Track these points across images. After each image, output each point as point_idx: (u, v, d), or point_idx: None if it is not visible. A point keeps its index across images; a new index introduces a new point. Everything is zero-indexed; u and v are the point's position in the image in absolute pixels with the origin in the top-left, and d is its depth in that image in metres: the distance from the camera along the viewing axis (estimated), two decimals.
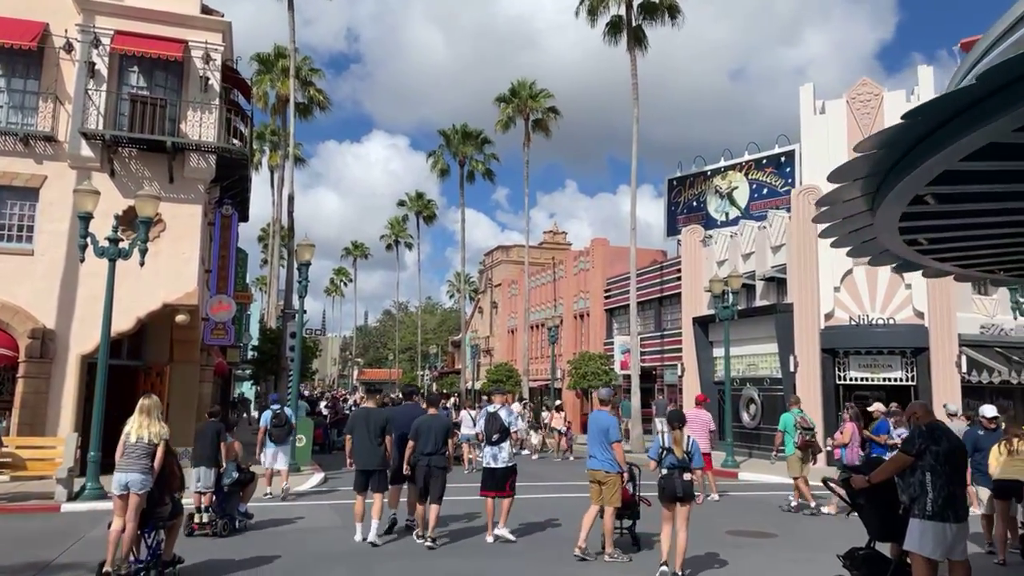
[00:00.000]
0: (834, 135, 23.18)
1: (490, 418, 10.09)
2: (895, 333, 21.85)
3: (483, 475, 10.17)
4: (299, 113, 34.51)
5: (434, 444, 9.70)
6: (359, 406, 14.42)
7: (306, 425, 19.62)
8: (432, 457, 9.68)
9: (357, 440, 10.03)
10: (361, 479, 9.95)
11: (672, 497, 8.16)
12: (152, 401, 8.23)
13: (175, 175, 17.04)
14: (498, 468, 9.93)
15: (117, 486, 7.61)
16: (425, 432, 9.75)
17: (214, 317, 18.45)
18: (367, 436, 9.92)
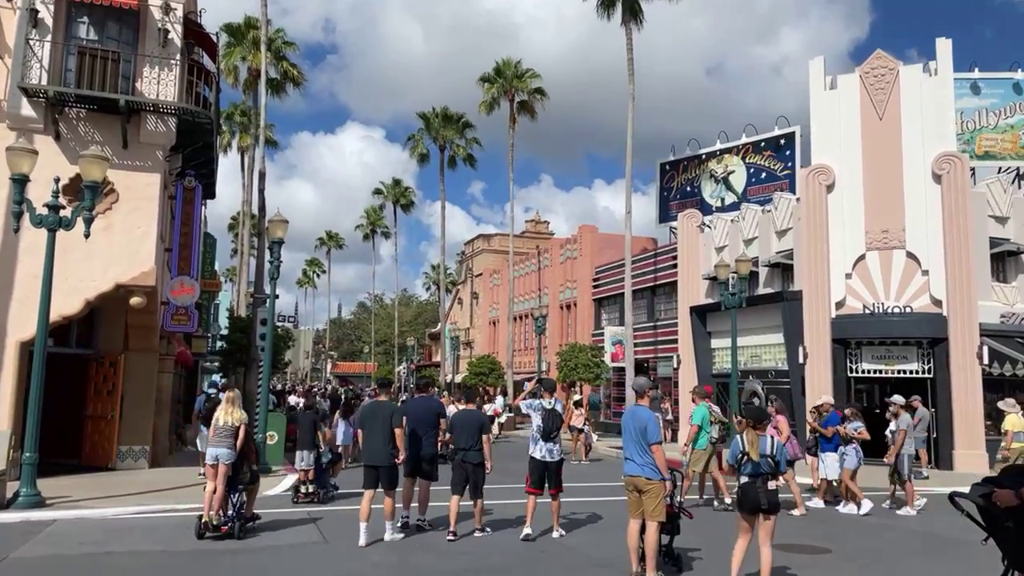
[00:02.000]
0: (846, 112, 21.78)
1: (550, 415, 9.70)
2: (911, 322, 20.50)
3: (533, 471, 9.77)
4: (272, 90, 32.48)
5: (467, 439, 9.71)
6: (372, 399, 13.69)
7: (278, 420, 17.80)
8: (467, 452, 9.69)
9: (367, 434, 9.67)
10: (370, 475, 9.58)
11: (754, 508, 6.84)
12: (235, 393, 10.38)
13: (130, 140, 15.13)
14: (552, 462, 9.73)
15: (210, 458, 9.86)
16: (459, 427, 9.84)
17: (175, 301, 16.56)
18: (377, 430, 9.50)
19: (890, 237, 21.00)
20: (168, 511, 11.72)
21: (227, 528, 9.50)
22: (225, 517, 9.64)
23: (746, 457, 6.90)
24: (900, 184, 20.94)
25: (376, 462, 9.47)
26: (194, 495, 12.93)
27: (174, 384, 20.64)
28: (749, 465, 6.90)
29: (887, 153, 21.13)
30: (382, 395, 10.17)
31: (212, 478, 9.79)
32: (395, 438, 9.40)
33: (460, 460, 9.78)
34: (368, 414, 9.82)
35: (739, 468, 6.92)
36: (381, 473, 9.46)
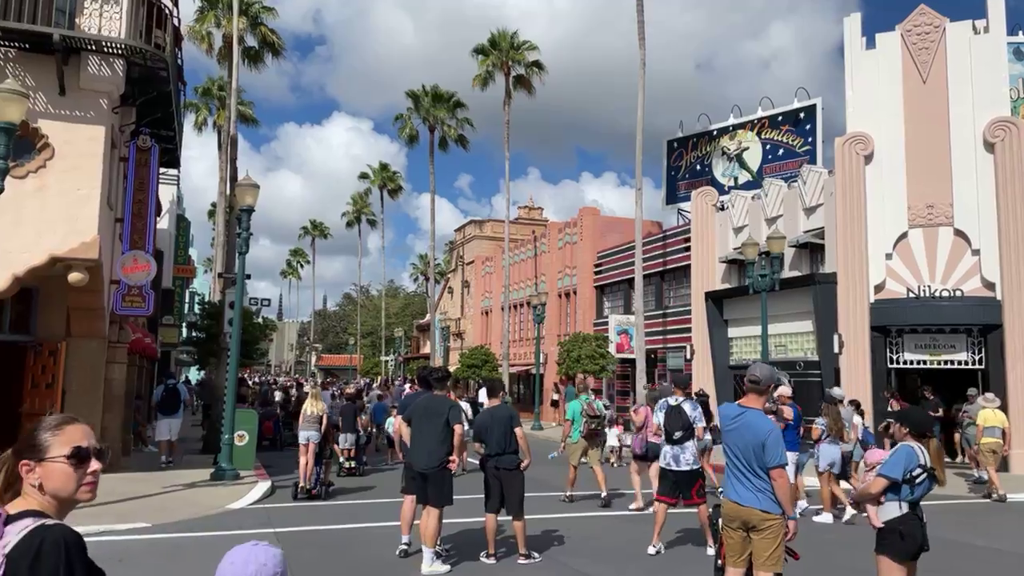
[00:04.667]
0: (886, 74, 19.60)
1: (672, 412, 8.57)
2: (960, 307, 18.40)
3: (660, 479, 8.96)
4: (249, 59, 29.90)
5: (499, 443, 8.11)
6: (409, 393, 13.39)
7: (248, 418, 15.48)
8: (500, 458, 8.10)
9: (415, 434, 8.08)
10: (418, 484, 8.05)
11: (918, 552, 4.90)
12: (317, 390, 13.66)
13: (68, 85, 12.67)
14: (681, 471, 8.60)
15: (302, 438, 12.44)
16: (487, 428, 8.18)
17: (127, 279, 14.16)
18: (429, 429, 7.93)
19: (936, 213, 18.86)
20: (101, 534, 9.37)
21: (315, 492, 12.42)
22: (313, 484, 12.48)
23: (924, 474, 4.73)
24: (947, 154, 18.80)
25: (425, 467, 7.86)
26: (145, 509, 10.61)
27: (132, 377, 18.21)
28: (922, 487, 4.75)
29: (932, 119, 18.97)
30: (438, 390, 8.40)
31: (304, 454, 12.45)
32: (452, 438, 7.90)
33: (493, 468, 8.16)
34: (420, 410, 8.12)
35: (912, 486, 4.76)
36: (430, 482, 7.85)
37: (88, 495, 2.05)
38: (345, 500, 12.44)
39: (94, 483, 2.05)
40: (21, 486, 2.00)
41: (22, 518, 1.89)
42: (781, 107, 27.15)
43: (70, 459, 1.99)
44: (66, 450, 1.99)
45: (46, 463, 1.99)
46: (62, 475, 1.99)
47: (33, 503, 1.98)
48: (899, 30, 19.69)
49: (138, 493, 12.16)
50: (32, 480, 1.98)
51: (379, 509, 11.43)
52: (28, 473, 1.99)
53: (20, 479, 2.00)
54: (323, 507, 11.82)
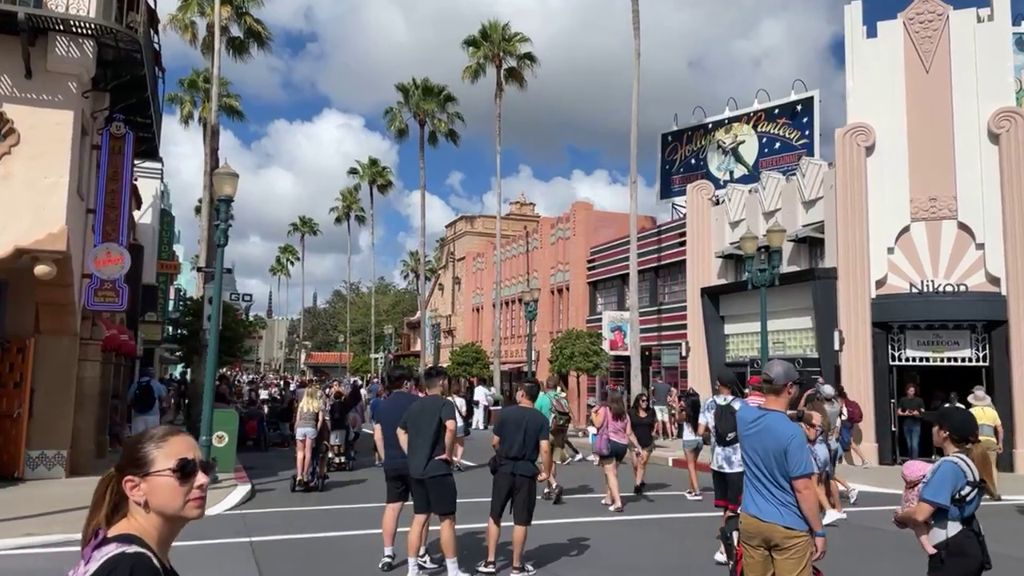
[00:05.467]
0: (888, 63, 19.07)
1: (723, 412, 8.26)
2: (964, 303, 17.90)
3: (715, 482, 8.70)
4: (234, 50, 29.14)
5: (521, 446, 7.54)
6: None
7: (228, 418, 14.83)
8: (518, 463, 7.55)
9: (410, 438, 7.42)
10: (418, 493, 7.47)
11: (981, 568, 4.32)
12: (312, 388, 14.72)
13: (35, 67, 12.02)
14: (735, 472, 8.05)
15: (300, 434, 13.21)
16: (512, 428, 7.62)
17: (99, 273, 13.46)
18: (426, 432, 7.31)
19: (939, 206, 18.37)
20: (61, 544, 8.72)
21: (312, 484, 13.10)
22: (310, 477, 13.14)
23: (973, 491, 4.16)
24: (950, 145, 18.30)
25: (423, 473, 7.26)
26: None
27: (108, 376, 17.53)
28: (973, 504, 4.18)
29: (935, 110, 18.47)
30: (433, 389, 7.77)
31: (301, 449, 13.07)
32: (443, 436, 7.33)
33: (508, 473, 7.60)
34: (416, 413, 7.48)
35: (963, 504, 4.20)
36: (431, 489, 7.26)
37: (196, 512, 1.90)
38: (329, 505, 11.87)
39: (202, 498, 1.91)
40: (129, 505, 1.87)
41: (111, 543, 1.76)
42: (778, 100, 26.61)
43: (175, 472, 1.85)
44: (171, 463, 1.86)
45: (151, 478, 1.85)
46: (168, 490, 1.85)
47: (136, 523, 1.84)
48: (901, 18, 19.17)
49: None
50: (137, 497, 1.85)
51: (362, 516, 10.82)
52: (133, 489, 1.85)
53: (127, 498, 1.86)
54: (304, 512, 11.21)
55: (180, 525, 1.92)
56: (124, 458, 1.90)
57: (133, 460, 1.88)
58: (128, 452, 1.90)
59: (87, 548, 1.79)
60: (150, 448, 1.88)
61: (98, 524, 1.85)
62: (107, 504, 1.88)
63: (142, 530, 1.83)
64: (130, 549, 1.75)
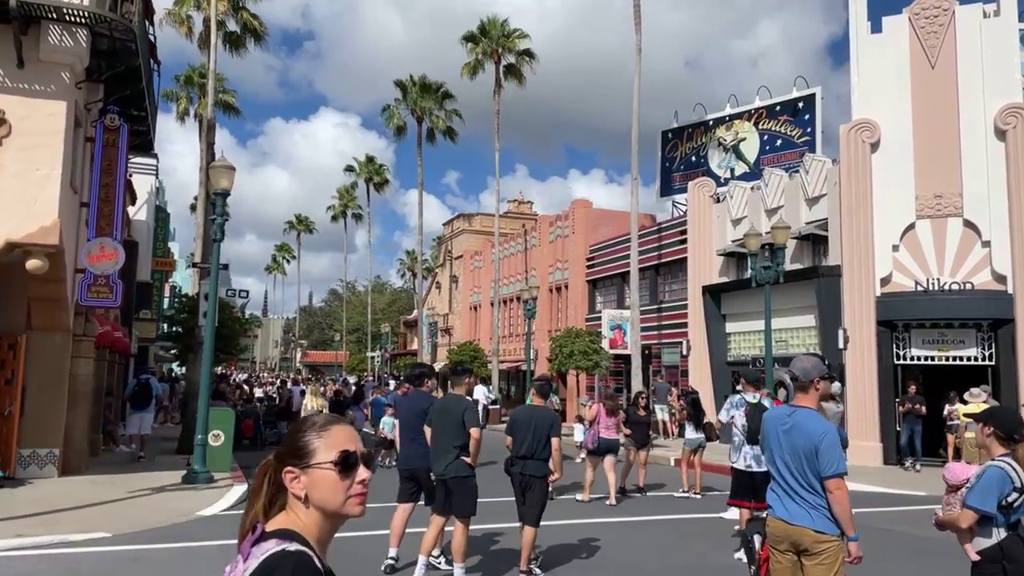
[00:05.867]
0: (893, 59, 18.86)
1: (755, 410, 8.03)
2: (969, 301, 17.69)
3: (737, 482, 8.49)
4: (230, 44, 28.82)
5: (530, 445, 7.31)
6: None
7: (224, 416, 14.55)
8: (527, 463, 7.32)
9: (434, 436, 7.24)
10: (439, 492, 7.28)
11: None
12: (315, 387, 16.45)
13: (27, 57, 11.71)
14: (763, 472, 7.45)
15: None
16: (523, 427, 7.41)
17: (92, 268, 13.17)
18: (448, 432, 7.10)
19: (944, 203, 18.16)
20: (54, 546, 8.45)
21: None
22: None
23: (1021, 496, 3.93)
24: (956, 142, 18.09)
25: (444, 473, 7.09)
26: (107, 517, 9.68)
27: (103, 373, 17.25)
28: (1020, 510, 3.95)
29: (941, 106, 18.26)
30: (459, 387, 7.61)
31: None
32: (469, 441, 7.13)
33: (518, 473, 7.42)
34: (439, 412, 7.30)
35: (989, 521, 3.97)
36: (452, 490, 7.06)
37: (358, 509, 1.77)
38: None
39: (364, 494, 1.77)
40: (287, 497, 1.74)
41: (271, 538, 1.64)
42: (779, 97, 26.43)
43: (337, 466, 1.72)
44: (333, 455, 1.72)
45: (312, 470, 1.72)
46: (329, 484, 1.72)
47: (295, 518, 1.72)
48: (906, 13, 18.95)
49: (102, 498, 11.25)
50: (297, 490, 1.72)
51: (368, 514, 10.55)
52: (292, 482, 1.73)
53: (285, 489, 1.74)
54: None
55: (340, 523, 1.78)
56: (284, 447, 1.77)
57: (293, 450, 1.75)
58: (288, 441, 1.77)
59: (245, 543, 1.66)
60: (311, 438, 1.75)
61: (256, 516, 1.73)
62: (264, 494, 1.76)
63: (302, 526, 1.70)
64: (291, 547, 1.62)
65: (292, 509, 1.73)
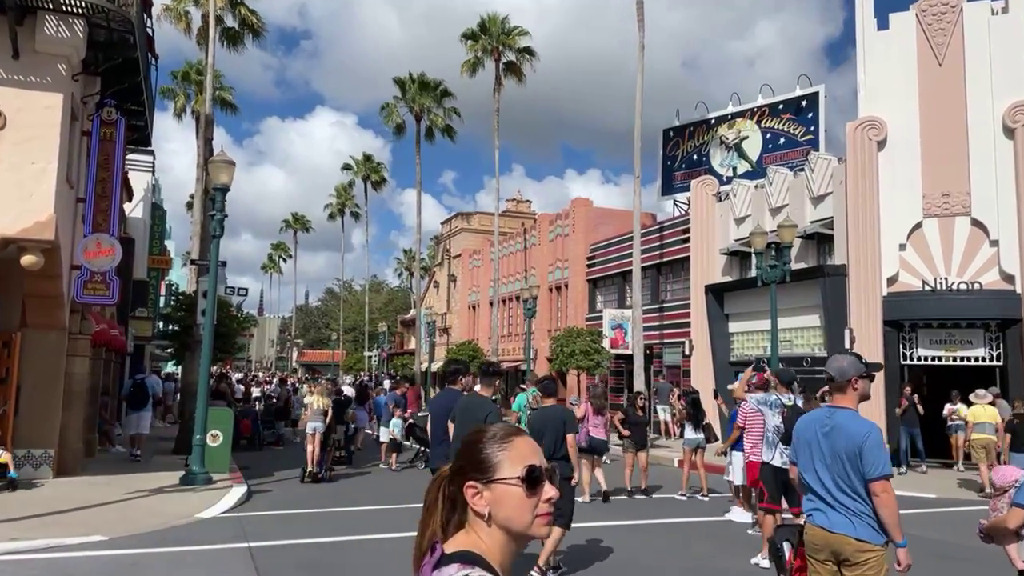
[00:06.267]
0: (900, 56, 18.68)
1: (792, 412, 7.67)
2: (977, 301, 17.50)
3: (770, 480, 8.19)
4: (228, 40, 28.55)
5: (548, 446, 7.07)
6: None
7: (222, 416, 14.28)
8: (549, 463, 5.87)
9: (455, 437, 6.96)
10: None
11: None
12: (322, 386, 15.86)
13: (22, 48, 11.43)
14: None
15: (310, 428, 14.13)
16: (539, 430, 7.23)
17: (89, 264, 12.90)
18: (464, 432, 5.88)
19: (952, 202, 17.97)
20: (49, 550, 8.18)
21: (320, 475, 13.85)
22: (319, 468, 13.88)
23: None
24: (964, 140, 17.91)
25: None
26: (104, 519, 9.41)
27: (99, 372, 16.97)
28: None
29: (949, 104, 18.07)
30: (487, 388, 7.32)
31: (311, 442, 13.95)
32: None
33: None
34: (461, 412, 6.96)
35: None
36: None
37: (544, 530, 1.61)
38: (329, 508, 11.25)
39: (550, 515, 1.61)
40: (464, 515, 1.61)
41: (452, 562, 1.51)
42: (782, 95, 26.23)
43: (524, 482, 1.57)
44: (518, 470, 1.58)
45: (496, 485, 1.58)
46: (515, 502, 1.57)
47: (476, 539, 1.58)
48: (914, 10, 18.77)
49: (98, 500, 10.98)
50: (480, 507, 1.58)
51: (364, 519, 10.36)
52: (475, 498, 1.59)
53: (461, 505, 1.61)
54: (303, 515, 10.69)
55: (523, 545, 1.62)
56: (463, 459, 1.63)
57: (475, 463, 1.60)
58: (468, 453, 1.63)
59: (425, 565, 1.55)
60: (494, 450, 1.61)
61: (434, 535, 1.61)
62: (441, 511, 1.63)
63: (485, 548, 1.56)
64: (474, 573, 1.49)
65: (473, 528, 1.58)
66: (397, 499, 12.02)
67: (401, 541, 8.85)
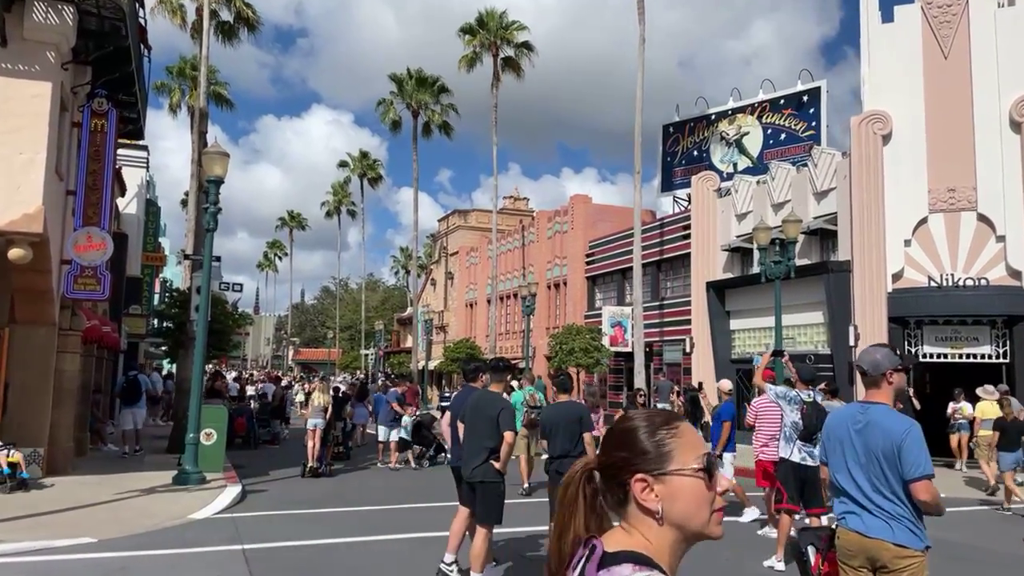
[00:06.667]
0: (905, 49, 18.44)
1: (812, 409, 7.39)
2: (983, 297, 17.27)
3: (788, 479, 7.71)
4: (223, 34, 28.18)
5: (563, 444, 7.01)
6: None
7: (217, 414, 13.96)
8: (563, 462, 7.00)
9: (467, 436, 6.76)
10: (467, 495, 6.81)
11: None
12: (324, 384, 16.23)
13: (10, 35, 11.10)
14: (813, 467, 7.39)
15: (311, 424, 14.38)
16: (553, 425, 7.17)
17: (79, 259, 12.56)
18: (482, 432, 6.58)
19: (958, 197, 17.74)
20: (35, 552, 7.87)
21: (320, 471, 14.08)
22: (319, 463, 14.18)
23: None
24: (970, 134, 17.67)
25: (474, 476, 6.59)
26: (93, 520, 9.09)
27: (90, 369, 16.63)
28: None
29: (954, 97, 17.84)
30: (498, 384, 7.02)
31: (312, 438, 14.19)
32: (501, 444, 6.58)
33: (555, 473, 7.11)
34: (472, 409, 6.79)
35: None
36: (479, 494, 6.57)
37: (719, 529, 1.41)
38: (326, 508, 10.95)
39: (723, 511, 1.42)
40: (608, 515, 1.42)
41: (624, 562, 1.29)
42: (783, 90, 25.97)
43: (705, 472, 1.37)
44: (697, 459, 1.37)
45: (670, 478, 1.37)
46: (696, 496, 1.37)
47: (640, 540, 1.36)
48: (919, 3, 18.53)
49: (88, 500, 10.65)
50: (652, 503, 1.37)
51: (360, 519, 10.07)
52: (645, 492, 1.37)
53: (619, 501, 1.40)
54: (299, 516, 10.39)
55: (689, 546, 1.44)
56: (624, 449, 1.41)
57: (641, 452, 1.40)
58: (629, 442, 1.41)
59: (589, 567, 1.33)
60: (663, 437, 1.40)
61: (578, 535, 1.40)
62: (583, 509, 1.43)
63: (653, 550, 1.37)
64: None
65: (635, 528, 1.39)
66: (394, 499, 11.74)
67: (398, 543, 8.58)
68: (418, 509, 10.92)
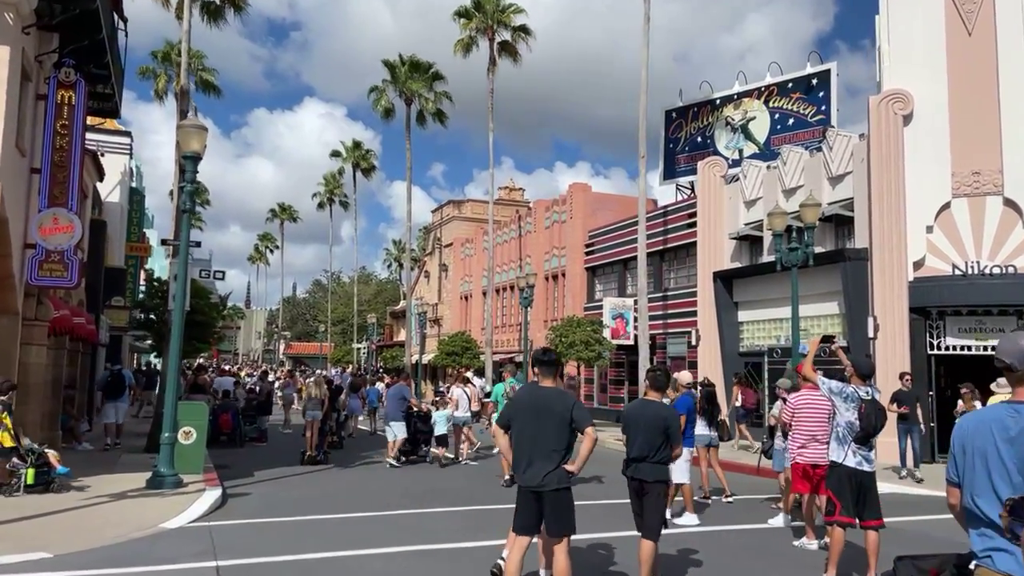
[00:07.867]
0: (927, 26, 17.46)
1: (871, 408, 6.62)
2: (1010, 286, 16.33)
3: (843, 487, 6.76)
4: (209, 15, 27.04)
5: (641, 447, 6.18)
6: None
7: (196, 411, 12.90)
8: (640, 465, 6.19)
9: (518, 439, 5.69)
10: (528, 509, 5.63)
11: None
12: (319, 377, 17.63)
13: None
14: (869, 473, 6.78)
15: (308, 416, 15.22)
16: (633, 426, 6.32)
17: (44, 242, 11.53)
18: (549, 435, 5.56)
19: (983, 180, 16.81)
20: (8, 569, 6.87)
21: (318, 458, 14.91)
22: (316, 452, 15.01)
23: None
24: (996, 115, 16.72)
25: (546, 484, 5.51)
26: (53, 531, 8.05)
27: (60, 362, 15.57)
28: None
29: (979, 76, 16.88)
30: (546, 379, 5.88)
31: (309, 429, 15.11)
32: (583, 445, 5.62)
33: (630, 477, 6.31)
34: (528, 409, 5.75)
35: None
36: (548, 504, 5.53)
37: None
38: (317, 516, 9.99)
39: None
40: None
41: None
42: (791, 73, 25.01)
43: None
44: None
45: None
46: None
47: None
48: None
49: (51, 507, 9.62)
50: None
51: (350, 529, 9.08)
52: None
53: None
54: (284, 524, 9.37)
55: None
56: None
57: None
58: None
59: None
60: None
61: None
62: None
63: None
64: None
65: None
66: (389, 504, 10.75)
67: (392, 558, 7.60)
68: (415, 515, 9.95)
